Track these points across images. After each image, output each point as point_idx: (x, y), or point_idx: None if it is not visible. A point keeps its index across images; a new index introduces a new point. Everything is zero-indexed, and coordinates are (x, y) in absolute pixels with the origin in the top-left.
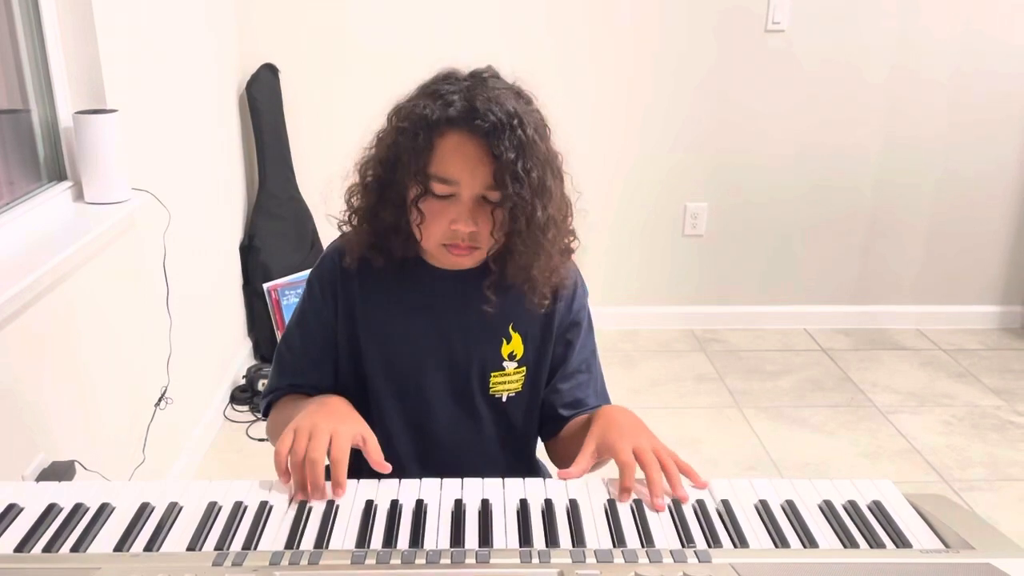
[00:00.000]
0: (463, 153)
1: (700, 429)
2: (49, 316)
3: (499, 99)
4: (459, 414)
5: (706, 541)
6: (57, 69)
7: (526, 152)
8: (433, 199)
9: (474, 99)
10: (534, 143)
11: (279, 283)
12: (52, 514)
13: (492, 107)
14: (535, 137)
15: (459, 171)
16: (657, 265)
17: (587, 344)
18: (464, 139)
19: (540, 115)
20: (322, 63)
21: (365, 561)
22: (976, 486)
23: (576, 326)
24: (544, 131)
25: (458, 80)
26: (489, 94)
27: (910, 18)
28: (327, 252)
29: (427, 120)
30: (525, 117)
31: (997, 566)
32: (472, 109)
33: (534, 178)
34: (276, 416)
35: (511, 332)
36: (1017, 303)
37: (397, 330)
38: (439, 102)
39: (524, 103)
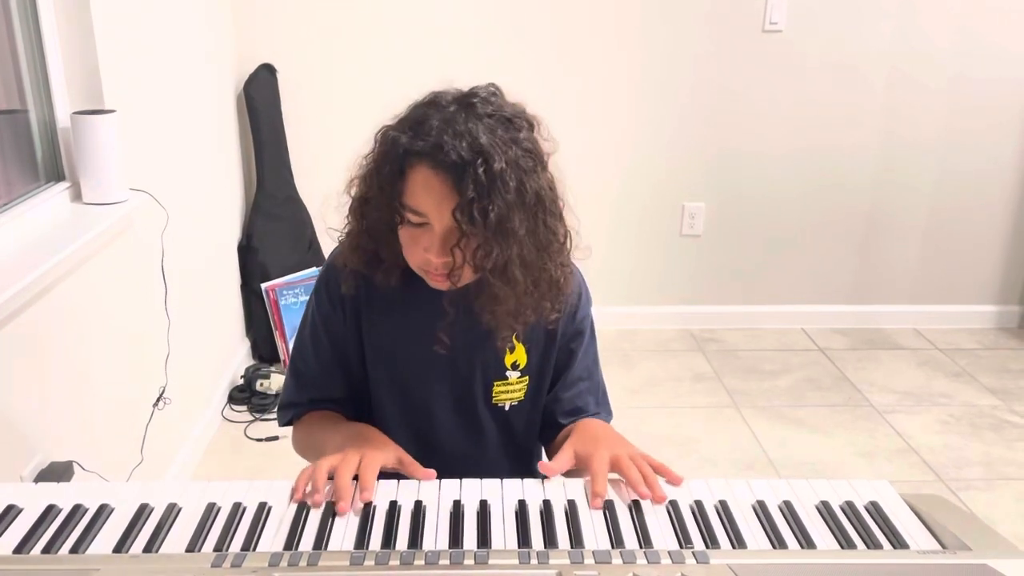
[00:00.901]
0: (429, 187)
1: (697, 429)
2: (47, 317)
3: (472, 132)
4: (461, 423)
5: (704, 542)
6: (55, 69)
7: (490, 191)
8: (409, 227)
9: (444, 132)
10: (502, 180)
11: (277, 283)
12: (51, 515)
13: (459, 142)
14: (504, 173)
15: (427, 205)
16: (655, 265)
17: (589, 352)
18: (430, 174)
19: (527, 146)
20: (320, 63)
21: (364, 562)
22: (973, 486)
23: (579, 335)
24: (526, 163)
25: (442, 107)
26: (464, 126)
27: (907, 18)
28: (332, 259)
29: (398, 150)
30: (496, 153)
31: (994, 567)
32: (438, 146)
33: (492, 219)
34: (305, 435)
35: (514, 342)
36: (1014, 303)
37: (400, 339)
38: (413, 132)
39: (509, 133)
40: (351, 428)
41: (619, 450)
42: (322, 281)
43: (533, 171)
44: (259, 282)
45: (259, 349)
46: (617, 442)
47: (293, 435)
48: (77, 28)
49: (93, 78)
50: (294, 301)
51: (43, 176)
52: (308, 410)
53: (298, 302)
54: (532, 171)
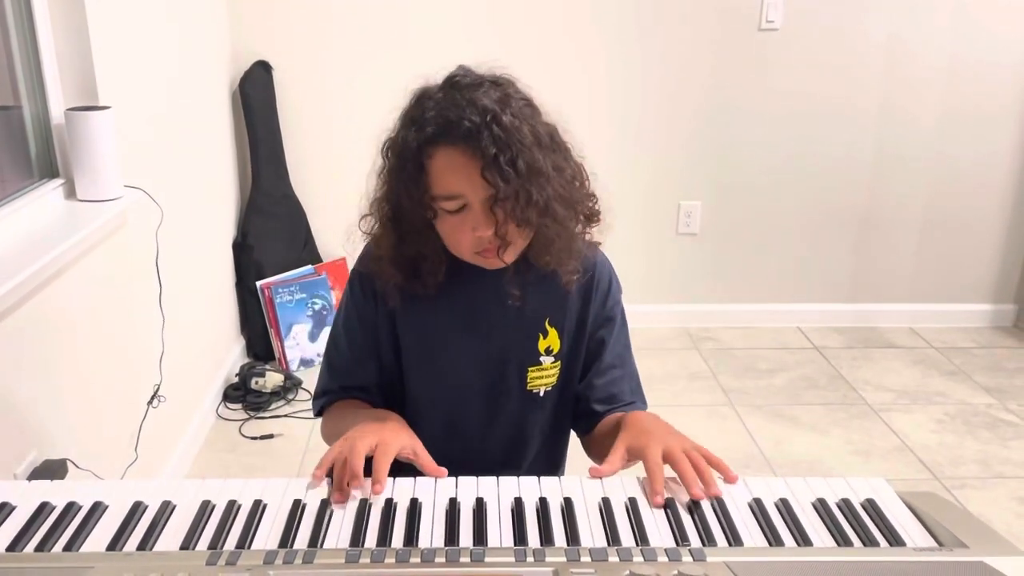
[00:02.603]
0: (453, 166)
1: (694, 427)
2: (41, 314)
3: (473, 101)
4: (495, 410)
5: (701, 540)
6: (49, 66)
7: (509, 143)
8: (448, 216)
9: (447, 111)
10: (516, 129)
11: (272, 281)
12: (45, 513)
13: (465, 112)
14: (515, 123)
15: (458, 184)
16: (651, 263)
17: (620, 339)
18: (449, 153)
19: (521, 96)
20: (315, 60)
21: (359, 560)
22: (968, 484)
23: (610, 321)
24: (527, 111)
25: (430, 96)
26: (461, 99)
27: (902, 16)
28: (367, 250)
29: (410, 148)
30: (501, 108)
31: (991, 564)
32: (447, 123)
33: (521, 166)
34: (331, 423)
35: (547, 327)
36: (1009, 301)
37: (435, 329)
38: (416, 127)
39: (500, 91)
40: (372, 413)
41: (672, 443)
42: (356, 274)
43: (535, 116)
44: (254, 280)
45: (254, 347)
46: (670, 434)
47: (321, 424)
48: (71, 24)
49: (87, 74)
50: (289, 299)
51: (37, 173)
52: (339, 397)
53: (293, 300)
54: (535, 116)
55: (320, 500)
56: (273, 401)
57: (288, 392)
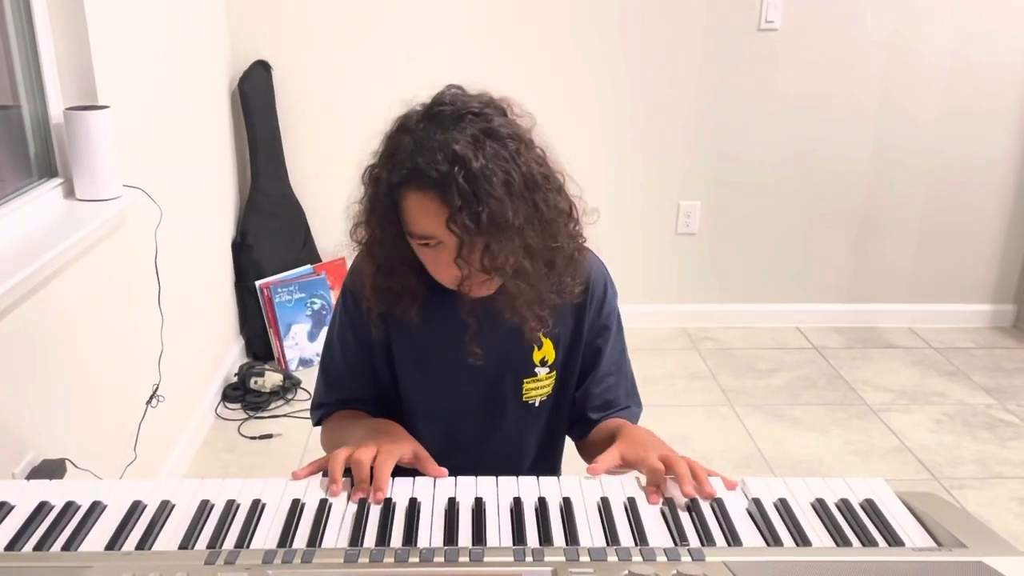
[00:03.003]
0: (424, 210)
1: (693, 427)
2: (39, 313)
3: (445, 144)
4: (491, 422)
5: (700, 539)
6: (48, 65)
7: (477, 194)
8: (424, 249)
9: (419, 154)
10: (486, 179)
11: (271, 280)
12: (43, 512)
13: (435, 157)
14: (486, 171)
15: (428, 226)
16: (650, 263)
17: (617, 345)
18: (419, 197)
19: (507, 132)
20: (315, 60)
21: (358, 560)
22: (967, 484)
23: (606, 329)
24: (503, 153)
25: (411, 129)
26: (437, 140)
27: (902, 16)
28: (356, 265)
29: (385, 184)
30: (474, 152)
31: (990, 564)
32: (416, 168)
33: (484, 220)
34: (330, 432)
35: (542, 338)
36: (1008, 302)
37: (430, 341)
38: (391, 164)
39: (482, 124)
40: (371, 422)
41: (667, 452)
42: (347, 286)
43: (517, 155)
44: (253, 279)
45: (253, 347)
46: (665, 446)
47: (321, 434)
48: (70, 23)
49: (86, 74)
50: (288, 299)
51: (36, 172)
52: (337, 410)
53: (292, 300)
54: (516, 155)
55: (319, 500)
56: (272, 401)
57: (287, 392)
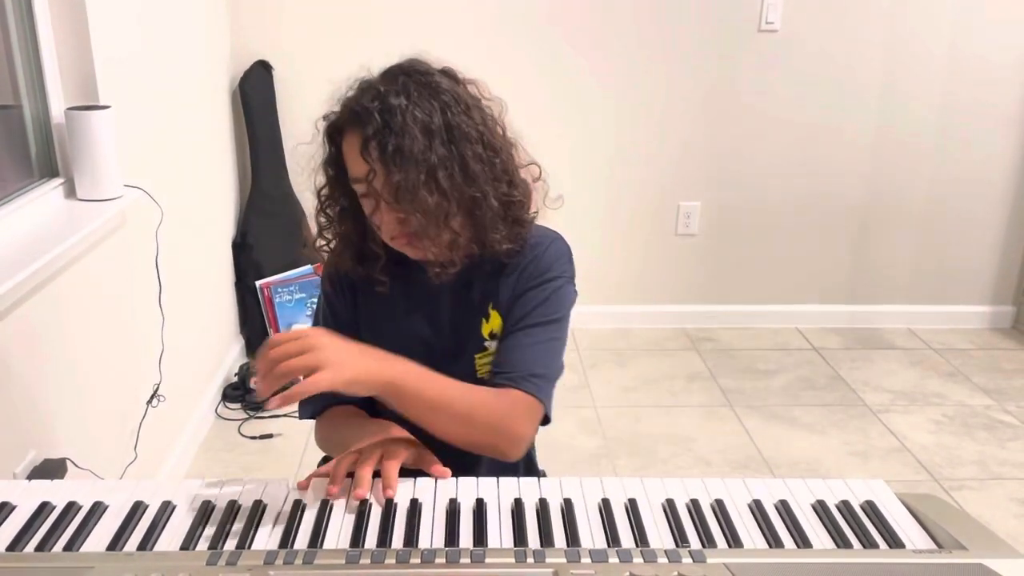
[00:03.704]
0: (348, 150)
1: (692, 428)
2: (41, 313)
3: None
4: None
5: (700, 541)
6: (49, 65)
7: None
8: (365, 200)
9: (352, 96)
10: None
11: (272, 280)
12: (45, 512)
13: (363, 98)
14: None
15: (352, 167)
16: (650, 264)
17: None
18: (347, 137)
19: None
20: (316, 60)
21: (360, 560)
22: (966, 485)
23: (535, 288)
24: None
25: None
26: (371, 87)
27: (902, 17)
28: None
29: (328, 129)
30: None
31: (990, 566)
32: (348, 106)
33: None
34: (329, 431)
35: (490, 311)
36: (1007, 303)
37: (390, 325)
38: (337, 110)
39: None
40: (375, 424)
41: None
42: (325, 274)
43: (447, 106)
44: (254, 279)
45: (253, 346)
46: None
47: (316, 430)
48: (72, 23)
49: (88, 74)
50: (288, 299)
51: (37, 172)
52: (329, 403)
53: (292, 299)
54: (446, 106)
55: (320, 500)
56: None
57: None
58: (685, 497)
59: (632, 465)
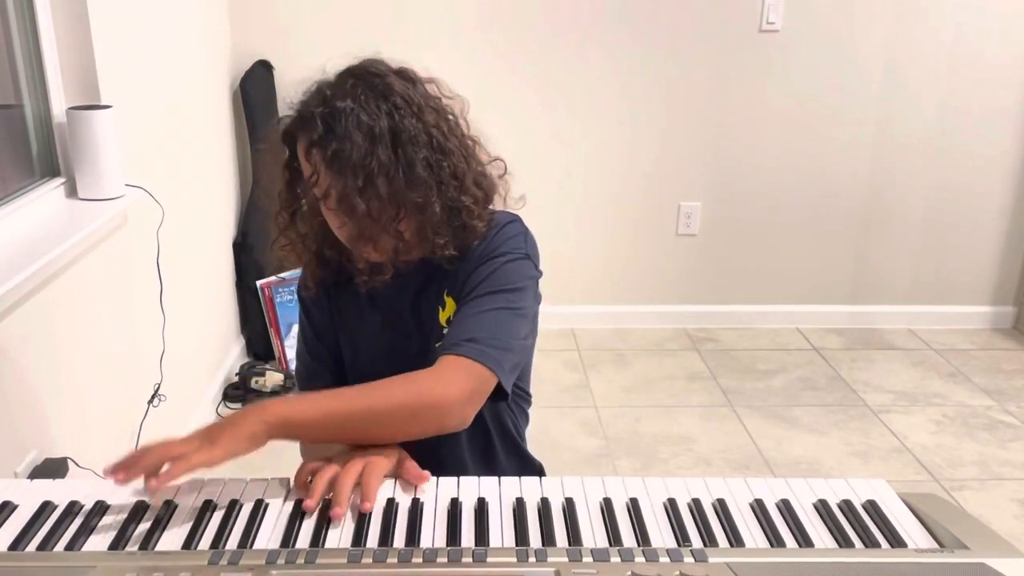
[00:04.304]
0: (302, 151)
1: (693, 428)
2: (42, 313)
3: (323, 90)
4: None
5: (702, 540)
6: (51, 64)
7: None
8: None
9: (310, 101)
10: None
11: (272, 280)
12: (47, 512)
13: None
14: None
15: (306, 171)
16: (650, 264)
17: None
18: (301, 142)
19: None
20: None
21: (361, 560)
22: (967, 486)
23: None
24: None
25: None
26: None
27: (903, 18)
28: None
29: (282, 134)
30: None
31: (992, 566)
32: (298, 111)
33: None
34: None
35: (445, 298)
36: (1008, 303)
37: (357, 325)
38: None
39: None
40: None
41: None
42: (301, 282)
43: (396, 108)
44: (254, 279)
45: (254, 346)
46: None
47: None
48: (73, 23)
49: (89, 73)
50: (289, 299)
51: (38, 172)
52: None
53: (293, 299)
54: (395, 109)
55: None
56: None
57: (288, 391)
58: (687, 496)
59: (632, 465)
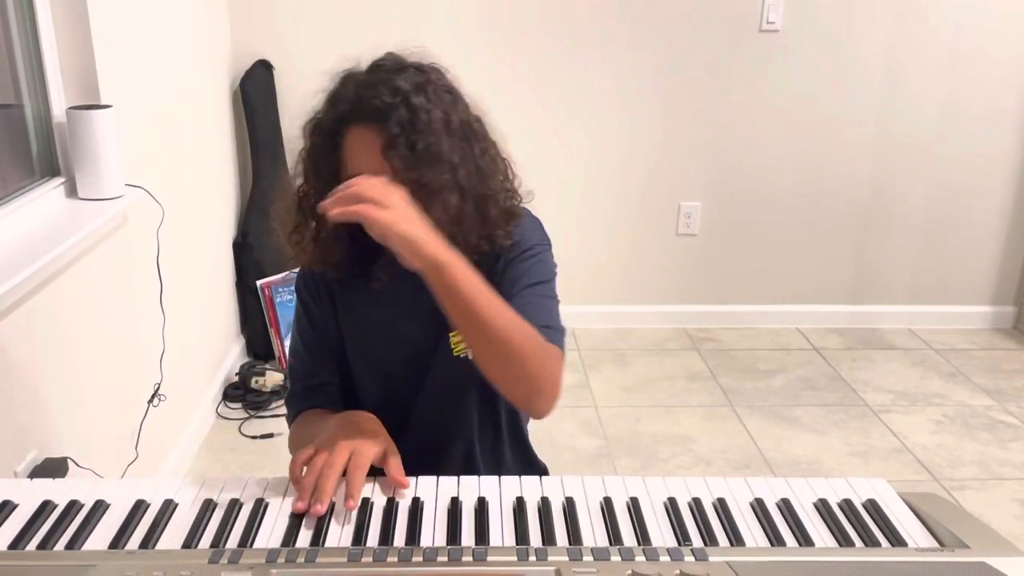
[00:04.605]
0: (361, 145)
1: (693, 428)
2: (42, 313)
3: (388, 82)
4: (435, 385)
5: (703, 539)
6: (51, 64)
7: (415, 124)
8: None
9: (364, 91)
10: (426, 112)
11: (272, 280)
12: (47, 511)
13: (379, 91)
14: (426, 106)
15: (362, 160)
16: (651, 264)
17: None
18: (359, 131)
19: (443, 84)
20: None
21: (361, 559)
22: (967, 485)
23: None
24: (446, 97)
25: (353, 76)
26: (379, 80)
27: (903, 18)
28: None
29: (324, 126)
30: (415, 90)
31: (992, 565)
32: (360, 101)
33: (421, 149)
34: (298, 430)
35: None
36: (1008, 303)
37: (368, 318)
38: (333, 104)
39: (422, 76)
40: (342, 416)
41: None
42: (300, 277)
43: (455, 104)
44: (254, 279)
45: (254, 346)
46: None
47: (289, 436)
48: (73, 23)
49: (89, 73)
50: (289, 298)
51: (38, 171)
52: (304, 404)
53: (293, 299)
54: (454, 104)
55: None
56: (273, 400)
57: None
58: (687, 496)
59: (632, 465)
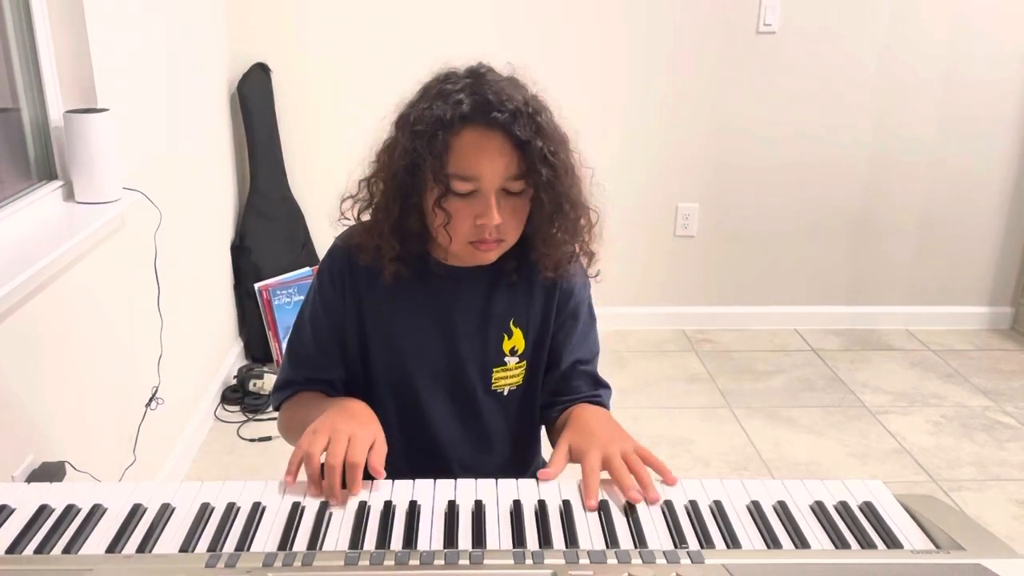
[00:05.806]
0: (481, 147)
1: (691, 429)
2: (39, 316)
3: (505, 90)
4: (458, 410)
5: (699, 542)
6: (47, 67)
7: (545, 135)
8: (455, 198)
9: (484, 93)
10: (550, 125)
11: (270, 283)
12: (44, 515)
13: (503, 97)
14: (549, 119)
15: (479, 166)
16: (649, 266)
17: (584, 332)
18: (482, 133)
19: (541, 99)
20: (314, 62)
21: (358, 562)
22: (965, 486)
23: (573, 319)
24: (551, 113)
25: (459, 78)
26: (494, 87)
27: (900, 19)
28: (336, 244)
29: (442, 120)
30: (533, 102)
31: (988, 567)
32: (486, 102)
33: (561, 159)
34: (291, 413)
35: (512, 328)
36: (1006, 304)
37: (401, 327)
38: (448, 101)
39: (525, 90)
40: (336, 401)
41: (612, 447)
42: (325, 265)
43: (554, 119)
44: (252, 282)
45: (252, 349)
46: (611, 438)
47: (279, 417)
48: (70, 26)
49: (86, 76)
50: (287, 301)
51: (35, 175)
52: (301, 389)
53: (291, 302)
54: (554, 119)
55: (319, 502)
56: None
57: None
58: (683, 498)
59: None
